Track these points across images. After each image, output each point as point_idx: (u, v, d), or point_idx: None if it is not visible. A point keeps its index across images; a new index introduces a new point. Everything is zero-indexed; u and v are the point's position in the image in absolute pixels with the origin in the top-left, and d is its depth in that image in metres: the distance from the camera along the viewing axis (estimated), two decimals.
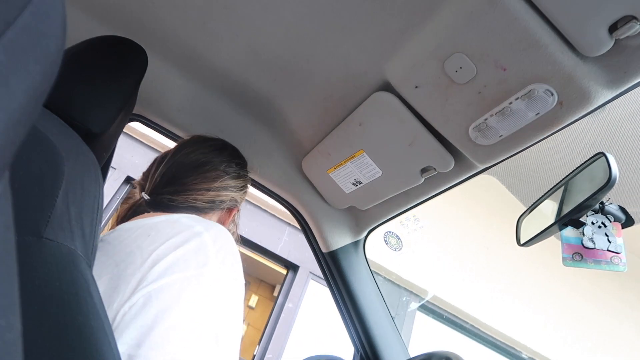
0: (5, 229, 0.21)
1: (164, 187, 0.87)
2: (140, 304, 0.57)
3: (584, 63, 0.61)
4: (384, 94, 0.86)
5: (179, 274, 0.61)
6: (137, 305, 0.57)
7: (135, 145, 3.83)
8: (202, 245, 0.66)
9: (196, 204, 0.87)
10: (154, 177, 0.89)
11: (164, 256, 0.62)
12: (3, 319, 0.20)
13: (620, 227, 0.86)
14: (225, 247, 0.69)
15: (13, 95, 0.20)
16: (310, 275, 4.29)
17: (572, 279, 4.75)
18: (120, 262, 0.64)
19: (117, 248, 0.67)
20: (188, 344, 0.56)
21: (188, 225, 0.69)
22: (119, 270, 0.63)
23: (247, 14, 0.87)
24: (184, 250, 0.64)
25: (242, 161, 1.01)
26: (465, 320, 4.60)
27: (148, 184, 0.90)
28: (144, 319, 0.56)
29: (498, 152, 0.78)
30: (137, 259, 0.63)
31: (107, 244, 0.70)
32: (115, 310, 0.57)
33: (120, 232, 0.72)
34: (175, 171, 0.88)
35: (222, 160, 0.93)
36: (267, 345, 3.80)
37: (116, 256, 0.66)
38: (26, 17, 0.21)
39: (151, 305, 0.57)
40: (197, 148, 0.94)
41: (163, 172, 0.89)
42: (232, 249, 0.70)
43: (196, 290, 0.60)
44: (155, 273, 0.60)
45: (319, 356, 1.46)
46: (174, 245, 0.64)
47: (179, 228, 0.69)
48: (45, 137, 0.49)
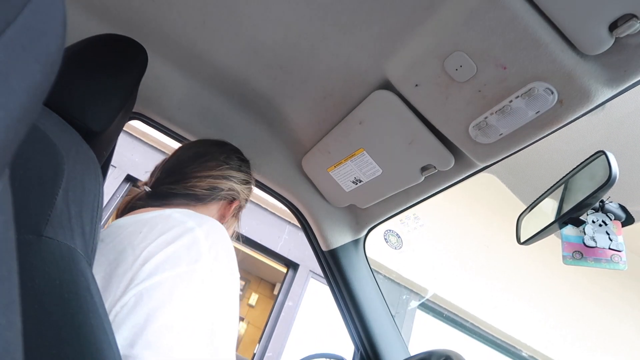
0: (5, 228, 0.21)
1: (164, 179, 0.89)
2: (132, 303, 0.56)
3: (584, 61, 0.61)
4: (384, 93, 0.86)
5: (170, 272, 0.60)
6: (129, 304, 0.56)
7: (135, 144, 3.83)
8: (195, 241, 0.65)
9: (195, 191, 0.86)
10: (156, 173, 0.92)
11: (155, 253, 0.62)
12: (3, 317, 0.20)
13: (620, 226, 0.86)
14: (218, 242, 0.68)
15: (13, 93, 0.20)
16: (310, 273, 4.29)
17: (572, 277, 4.75)
18: (113, 260, 0.63)
19: (110, 246, 0.67)
20: (182, 341, 0.55)
21: (180, 221, 0.69)
22: (111, 269, 0.62)
23: (247, 13, 0.86)
24: (175, 246, 0.63)
25: (243, 157, 1.01)
26: (466, 318, 4.61)
27: (150, 179, 0.92)
28: (136, 318, 0.55)
29: (498, 151, 0.78)
30: (129, 257, 0.62)
31: (100, 242, 0.69)
32: (108, 310, 0.57)
33: (114, 228, 0.72)
34: (176, 163, 0.91)
35: (222, 152, 0.95)
36: (267, 344, 3.80)
37: (109, 254, 0.65)
38: (26, 15, 0.21)
39: (143, 304, 0.56)
40: (199, 144, 0.97)
41: (165, 168, 0.91)
42: (225, 243, 0.70)
43: (188, 287, 0.59)
44: (147, 271, 0.59)
45: (319, 354, 1.46)
46: (165, 242, 0.64)
47: (171, 224, 0.68)
48: (45, 135, 0.49)
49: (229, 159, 0.95)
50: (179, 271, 0.60)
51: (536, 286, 4.68)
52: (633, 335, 4.82)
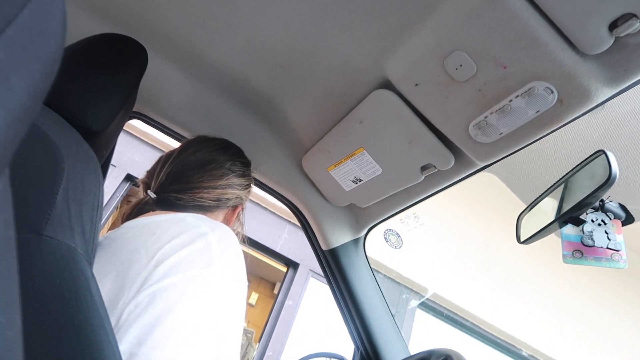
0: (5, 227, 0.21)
1: (169, 185, 0.87)
2: (145, 303, 0.57)
3: (584, 61, 0.61)
4: (384, 92, 0.86)
5: (183, 274, 0.61)
6: (143, 304, 0.57)
7: (135, 143, 3.83)
8: (207, 246, 0.66)
9: (203, 202, 0.87)
10: (159, 175, 0.90)
11: (169, 255, 0.62)
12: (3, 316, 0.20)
13: (620, 225, 0.86)
14: (230, 248, 0.69)
15: (13, 92, 0.20)
16: (310, 272, 4.29)
17: (572, 276, 4.75)
18: (126, 260, 0.64)
19: (122, 246, 0.67)
20: (189, 344, 0.56)
21: (194, 225, 0.70)
22: (125, 268, 0.63)
23: (247, 12, 0.86)
24: (189, 250, 0.64)
25: (246, 160, 1.01)
26: (466, 317, 4.61)
27: (154, 183, 0.90)
28: (147, 317, 0.56)
29: (498, 150, 0.78)
30: (143, 258, 0.63)
31: (112, 242, 0.70)
32: (121, 309, 0.57)
33: (125, 229, 0.73)
34: (181, 169, 0.89)
35: (226, 158, 0.94)
36: (267, 343, 3.80)
37: (121, 254, 0.66)
38: (26, 15, 0.21)
39: (155, 304, 0.57)
40: (202, 147, 0.94)
41: (169, 171, 0.89)
42: (236, 250, 0.71)
43: (199, 291, 0.60)
44: (160, 272, 0.60)
45: (320, 354, 1.47)
46: (179, 245, 0.64)
47: (185, 227, 0.69)
48: (45, 134, 0.49)
49: (233, 165, 0.94)
50: (192, 274, 0.61)
51: (536, 285, 4.68)
52: (633, 334, 4.82)
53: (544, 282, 4.68)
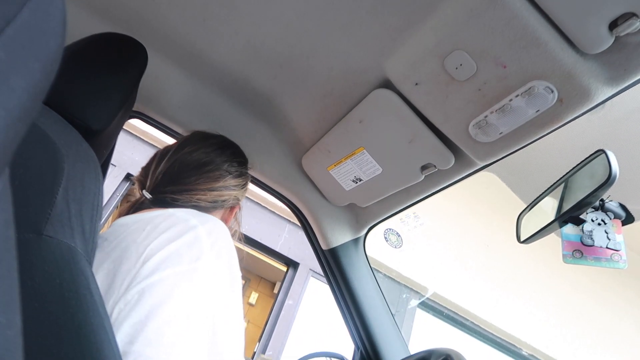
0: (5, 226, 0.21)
1: (165, 185, 0.86)
2: (135, 301, 0.56)
3: (584, 60, 0.61)
4: (384, 91, 0.86)
5: (172, 269, 0.60)
6: (132, 301, 0.56)
7: (135, 143, 3.83)
8: (197, 239, 0.65)
9: (199, 204, 0.86)
10: (154, 174, 0.88)
11: (158, 251, 0.62)
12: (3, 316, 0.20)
13: (620, 225, 0.86)
14: (220, 241, 0.68)
15: (13, 92, 0.20)
16: (310, 272, 4.30)
17: (572, 276, 4.75)
18: (116, 258, 0.64)
19: (113, 244, 0.67)
20: (183, 339, 0.55)
21: (183, 219, 0.69)
22: (115, 266, 0.62)
23: (246, 11, 0.86)
24: (178, 244, 0.63)
25: (244, 159, 1.00)
26: (466, 317, 4.61)
27: (149, 181, 0.88)
28: (137, 315, 0.55)
29: (498, 150, 0.78)
30: (132, 255, 0.62)
31: (103, 240, 0.69)
32: (111, 308, 0.57)
33: (116, 227, 0.72)
34: (177, 170, 0.87)
35: (224, 159, 0.93)
36: (267, 343, 3.81)
37: (112, 252, 0.65)
38: (26, 14, 0.21)
39: (144, 301, 0.56)
40: (199, 147, 0.92)
41: (164, 170, 0.87)
42: (227, 242, 0.70)
43: (190, 285, 0.60)
44: (149, 268, 0.59)
45: (320, 353, 1.47)
46: (167, 239, 0.64)
47: (174, 221, 0.68)
48: (45, 134, 0.49)
49: (230, 166, 0.93)
50: (181, 269, 0.61)
51: (536, 285, 4.68)
52: (633, 334, 4.83)
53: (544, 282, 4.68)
